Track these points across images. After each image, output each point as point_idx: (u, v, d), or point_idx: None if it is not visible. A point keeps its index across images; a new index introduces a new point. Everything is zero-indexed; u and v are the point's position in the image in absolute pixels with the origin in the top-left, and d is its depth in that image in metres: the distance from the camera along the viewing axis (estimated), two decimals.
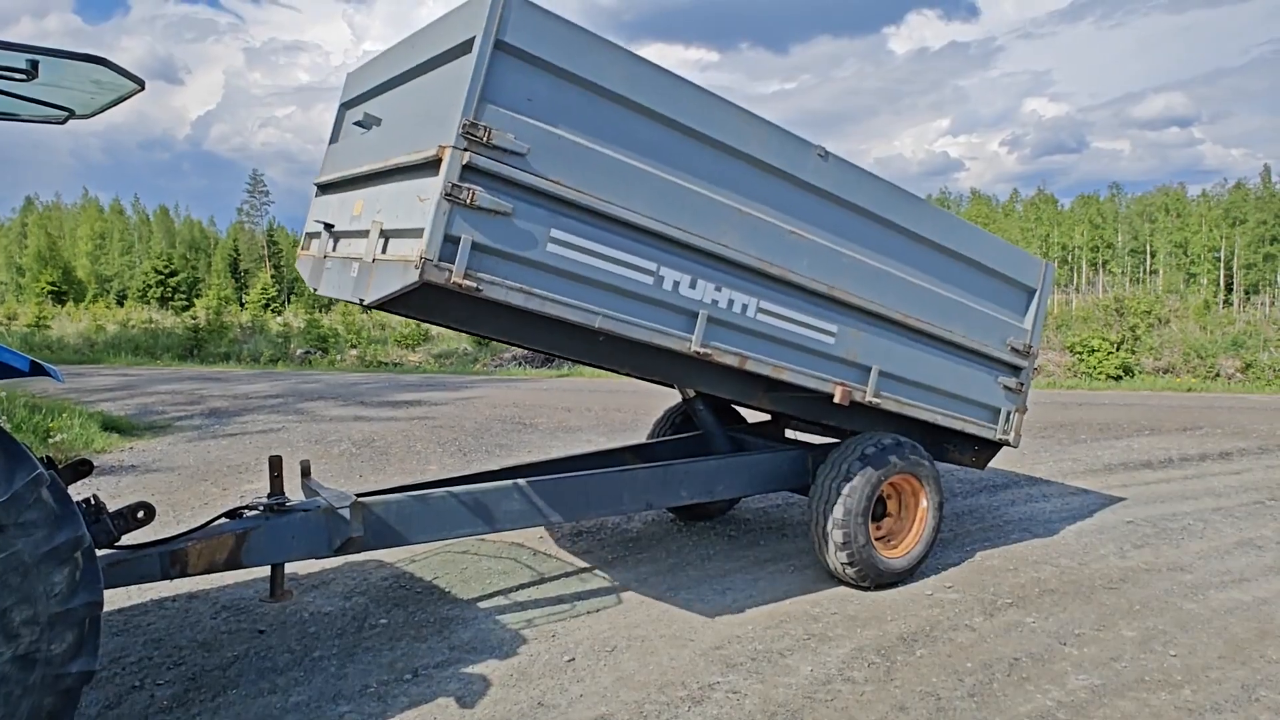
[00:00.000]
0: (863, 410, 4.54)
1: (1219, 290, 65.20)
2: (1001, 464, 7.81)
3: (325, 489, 3.65)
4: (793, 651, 3.81)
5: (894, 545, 4.73)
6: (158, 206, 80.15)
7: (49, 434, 8.14)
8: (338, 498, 3.51)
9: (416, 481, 4.22)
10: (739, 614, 4.23)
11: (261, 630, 3.96)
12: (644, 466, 4.41)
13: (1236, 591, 4.68)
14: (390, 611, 4.19)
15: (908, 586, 4.67)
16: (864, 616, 4.23)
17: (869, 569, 4.48)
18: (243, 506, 3.49)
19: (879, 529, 4.74)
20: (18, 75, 2.60)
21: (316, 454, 8.10)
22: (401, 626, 4.01)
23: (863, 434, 4.68)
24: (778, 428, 5.89)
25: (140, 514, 3.14)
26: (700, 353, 3.61)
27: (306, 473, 3.87)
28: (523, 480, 3.95)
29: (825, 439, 5.39)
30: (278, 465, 3.53)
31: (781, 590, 4.58)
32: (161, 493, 6.45)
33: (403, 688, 3.41)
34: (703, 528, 5.74)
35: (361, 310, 18.44)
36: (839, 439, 5.10)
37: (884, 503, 4.78)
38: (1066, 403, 13.18)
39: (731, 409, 5.80)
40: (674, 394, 5.61)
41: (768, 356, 3.90)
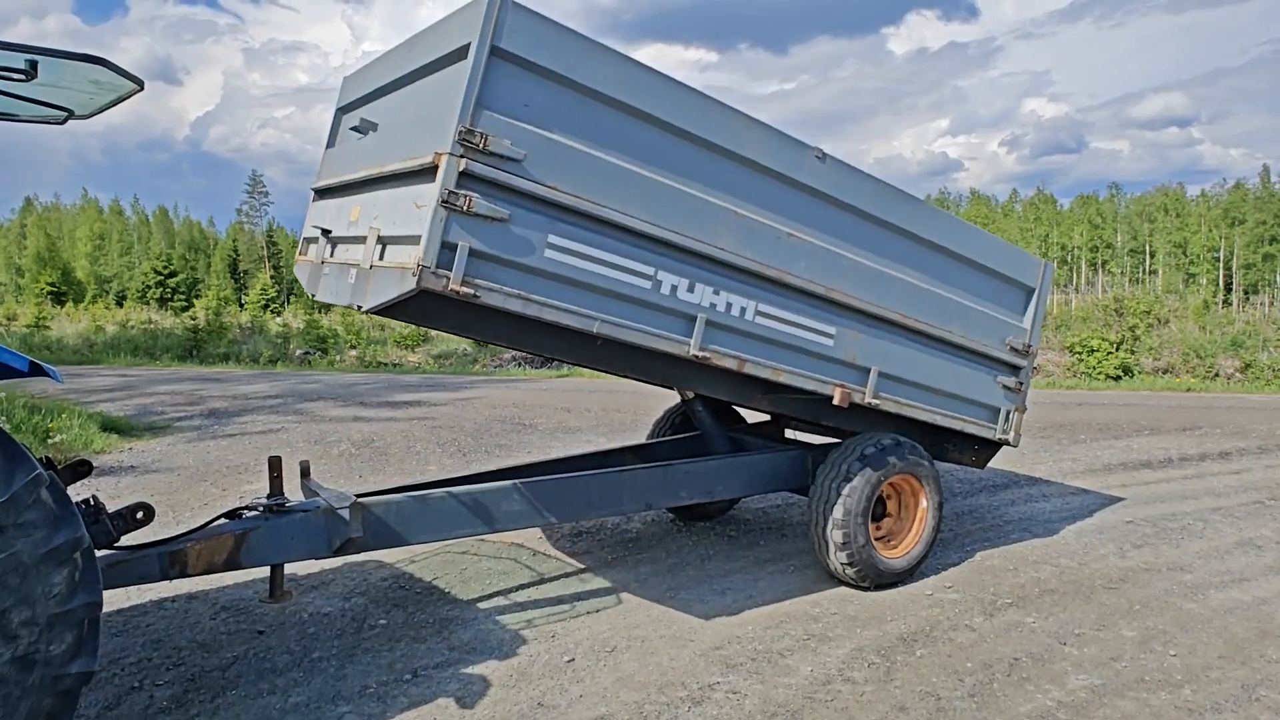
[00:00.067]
0: (862, 411, 4.54)
1: (1218, 290, 65.23)
2: (1001, 464, 7.81)
3: (325, 489, 3.65)
4: (793, 652, 3.81)
5: (894, 545, 4.73)
6: (157, 207, 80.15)
7: (48, 434, 8.14)
8: (337, 498, 3.51)
9: (416, 482, 4.22)
10: (739, 614, 4.23)
11: (261, 631, 3.96)
12: (644, 467, 4.40)
13: (1236, 591, 4.68)
14: (390, 612, 4.19)
15: (908, 586, 4.67)
16: (864, 617, 4.23)
17: (869, 569, 4.48)
18: (242, 507, 3.49)
19: (879, 529, 4.74)
20: (17, 75, 2.59)
21: (316, 454, 8.10)
22: (401, 627, 4.01)
23: (862, 434, 4.68)
24: (777, 428, 5.89)
25: (139, 515, 3.14)
26: (699, 356, 3.61)
27: (306, 473, 3.87)
28: (522, 481, 3.95)
29: (825, 439, 5.39)
30: (277, 466, 3.53)
31: (781, 590, 4.58)
32: (161, 493, 6.45)
33: (402, 688, 3.41)
34: (702, 528, 5.74)
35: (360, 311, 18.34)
36: (839, 439, 5.10)
37: (884, 503, 4.78)
38: (1066, 403, 13.18)
39: (731, 409, 5.80)
40: (673, 394, 5.61)
41: (766, 359, 3.90)
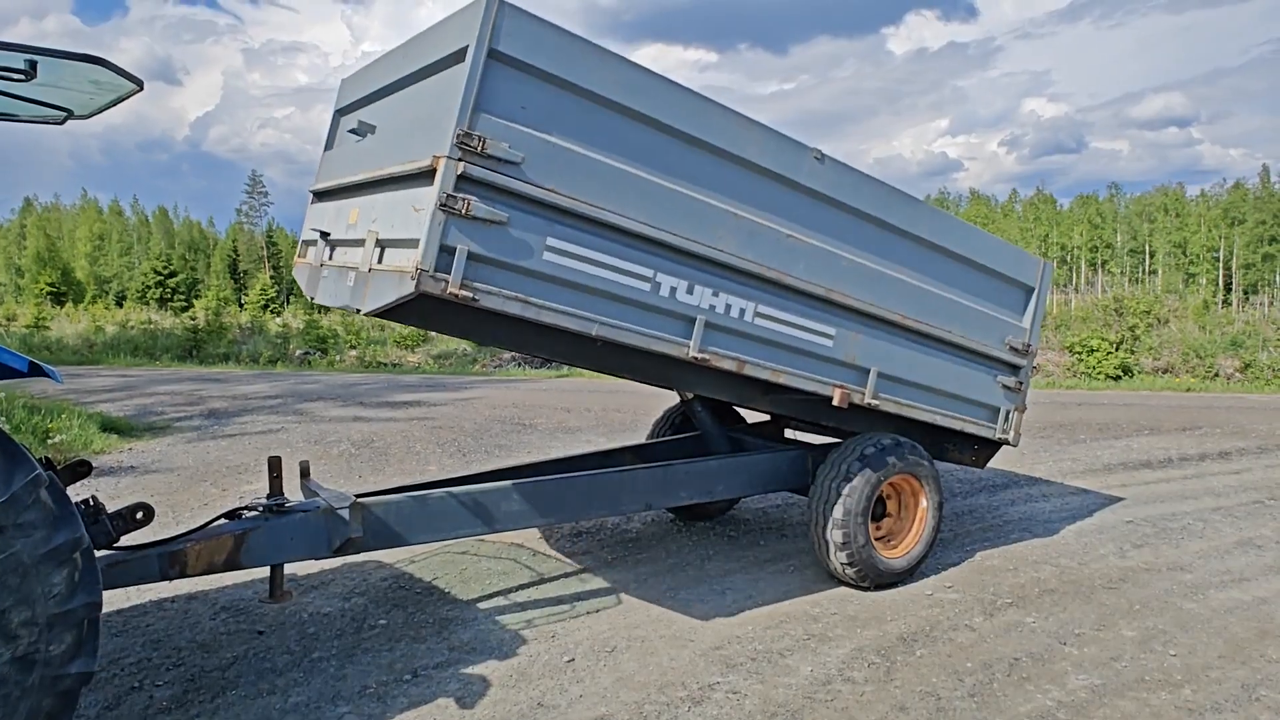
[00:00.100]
0: (862, 411, 4.54)
1: (1218, 290, 65.22)
2: (1001, 464, 7.81)
3: (324, 489, 3.65)
4: (792, 652, 3.81)
5: (894, 545, 4.73)
6: (156, 207, 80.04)
7: (48, 435, 8.13)
8: (337, 498, 3.51)
9: (416, 482, 4.22)
10: (739, 614, 4.23)
11: (260, 631, 3.96)
12: (643, 467, 4.40)
13: (1236, 591, 4.68)
14: (390, 612, 4.19)
15: (908, 586, 4.67)
16: (864, 617, 4.23)
17: (869, 569, 4.48)
18: (242, 507, 3.49)
19: (879, 529, 4.74)
20: (16, 75, 2.59)
21: (316, 454, 8.09)
22: (401, 627, 4.01)
23: (862, 434, 4.68)
24: (777, 428, 5.89)
25: (139, 515, 3.14)
26: (698, 358, 3.61)
27: (306, 473, 3.87)
28: (522, 481, 3.95)
29: (825, 439, 5.39)
30: (277, 466, 3.53)
31: (781, 590, 4.58)
32: (160, 493, 6.44)
33: (402, 688, 3.41)
34: (702, 528, 5.74)
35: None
36: (839, 439, 5.10)
37: (884, 503, 4.78)
38: (1066, 403, 13.18)
39: (731, 409, 5.80)
40: (673, 394, 5.60)
41: (766, 361, 3.90)
